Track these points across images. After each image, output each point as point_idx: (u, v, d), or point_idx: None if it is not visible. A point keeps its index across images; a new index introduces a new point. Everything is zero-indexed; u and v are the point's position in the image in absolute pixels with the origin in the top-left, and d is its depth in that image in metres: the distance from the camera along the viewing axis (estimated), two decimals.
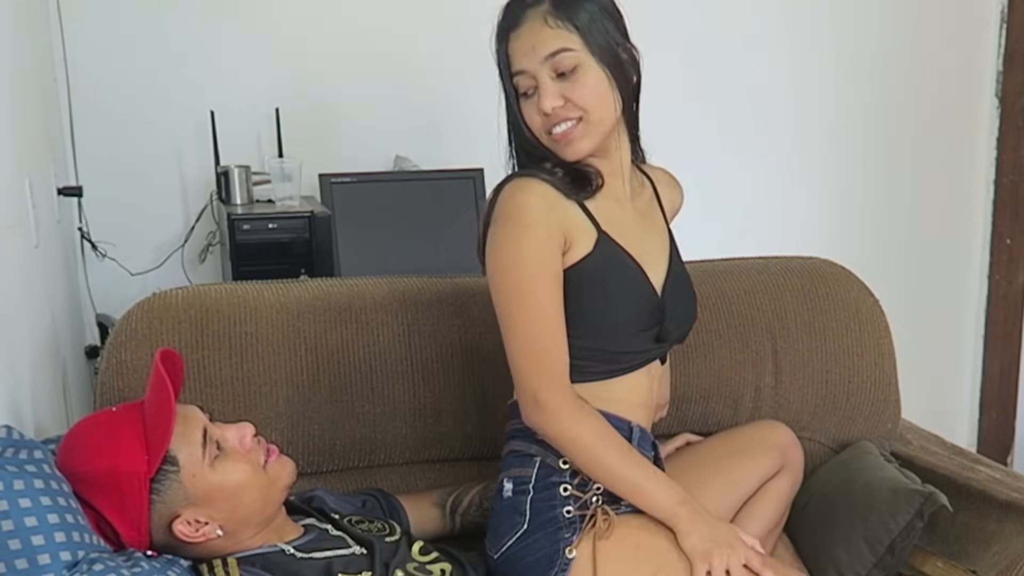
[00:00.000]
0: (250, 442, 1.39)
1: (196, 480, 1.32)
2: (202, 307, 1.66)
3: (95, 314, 2.59)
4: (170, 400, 1.31)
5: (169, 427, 1.30)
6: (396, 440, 1.75)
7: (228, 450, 1.36)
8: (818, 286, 1.99)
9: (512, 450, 1.53)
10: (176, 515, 1.32)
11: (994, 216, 3.37)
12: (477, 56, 2.54)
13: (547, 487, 1.48)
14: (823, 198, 3.27)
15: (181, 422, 1.33)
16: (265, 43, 2.74)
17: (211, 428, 1.37)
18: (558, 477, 1.47)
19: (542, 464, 1.48)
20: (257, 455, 1.40)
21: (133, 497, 1.29)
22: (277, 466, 1.42)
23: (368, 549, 1.44)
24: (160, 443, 1.30)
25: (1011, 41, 3.25)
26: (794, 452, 1.78)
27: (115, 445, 1.31)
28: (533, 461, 1.49)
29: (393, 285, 1.80)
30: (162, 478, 1.30)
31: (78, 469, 1.31)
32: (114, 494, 1.29)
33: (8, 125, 1.70)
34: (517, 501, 1.49)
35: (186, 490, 1.32)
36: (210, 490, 1.33)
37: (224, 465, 1.35)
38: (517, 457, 1.51)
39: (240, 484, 1.36)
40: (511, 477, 1.51)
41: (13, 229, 1.64)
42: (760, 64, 3.12)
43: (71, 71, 2.58)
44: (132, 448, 1.30)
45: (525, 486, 1.49)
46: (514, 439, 1.53)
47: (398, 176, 2.71)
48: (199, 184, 2.71)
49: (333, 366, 1.69)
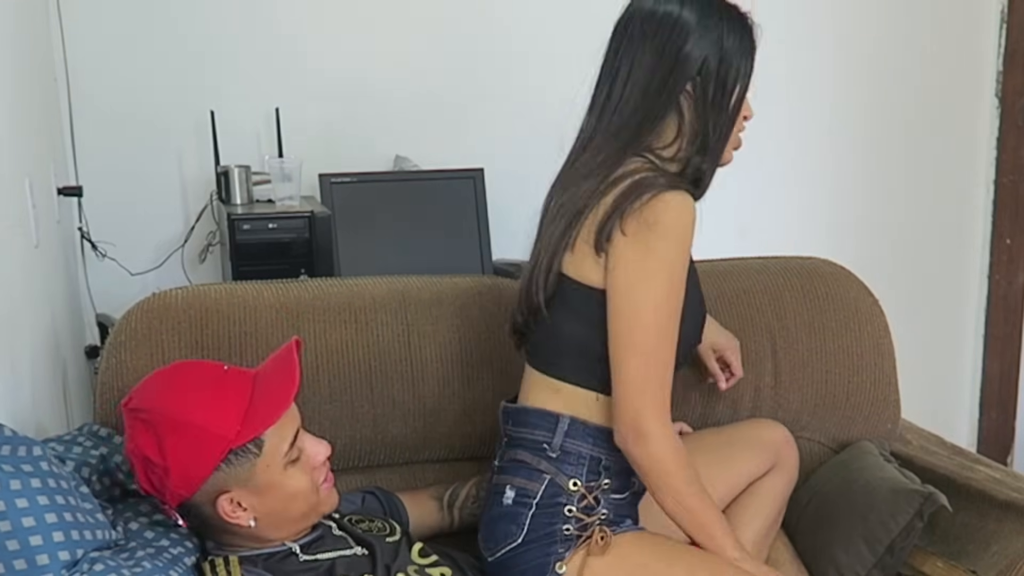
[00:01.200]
0: (320, 461, 1.42)
1: (267, 471, 1.34)
2: (202, 307, 1.67)
3: (95, 314, 2.59)
4: (292, 390, 1.34)
5: (278, 414, 1.33)
6: (396, 440, 1.75)
7: (303, 460, 1.38)
8: (818, 286, 1.99)
9: (519, 460, 1.51)
10: (227, 490, 1.33)
11: (994, 216, 3.37)
12: (477, 56, 2.55)
13: (552, 505, 1.47)
14: (823, 198, 3.27)
15: (281, 418, 1.35)
16: (265, 43, 2.73)
17: (302, 433, 1.39)
18: (565, 498, 1.47)
19: (551, 483, 1.48)
20: (320, 475, 1.42)
21: (206, 458, 1.30)
22: (328, 494, 1.44)
23: (369, 550, 1.45)
24: (261, 423, 1.32)
25: (1011, 41, 3.25)
26: (788, 450, 1.78)
27: (217, 405, 1.32)
28: (542, 478, 1.48)
29: (393, 285, 1.80)
30: (242, 453, 1.32)
31: (169, 410, 1.31)
32: (191, 447, 1.30)
33: (8, 125, 1.70)
34: (517, 512, 1.48)
35: (254, 475, 1.33)
36: (271, 486, 1.35)
37: (293, 471, 1.37)
38: (524, 469, 1.50)
39: (296, 493, 1.38)
40: (515, 486, 1.50)
41: (13, 229, 1.64)
42: (759, 63, 3.11)
43: (71, 71, 2.58)
44: (231, 414, 1.31)
45: (528, 500, 1.48)
46: (522, 448, 1.52)
47: (398, 176, 2.71)
48: (199, 184, 2.71)
49: (333, 366, 1.69)
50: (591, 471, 1.49)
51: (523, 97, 2.93)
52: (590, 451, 1.49)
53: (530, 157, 2.94)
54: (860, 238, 3.23)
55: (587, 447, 1.49)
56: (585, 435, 1.49)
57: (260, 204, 2.51)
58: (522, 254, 2.79)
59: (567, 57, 2.94)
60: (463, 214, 2.66)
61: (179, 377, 1.38)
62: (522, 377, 1.59)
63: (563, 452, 1.48)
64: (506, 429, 1.56)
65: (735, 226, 3.08)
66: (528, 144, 2.96)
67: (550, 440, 1.49)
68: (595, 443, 1.49)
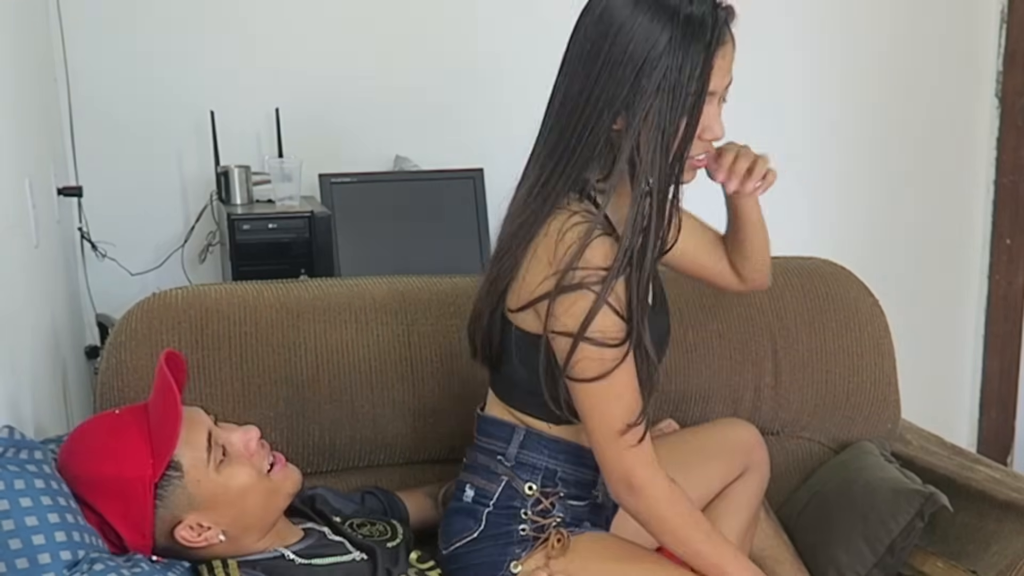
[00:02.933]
0: (255, 446, 1.38)
1: (200, 485, 1.32)
2: (202, 307, 1.67)
3: (95, 314, 2.59)
4: (176, 405, 1.30)
5: (175, 432, 1.30)
6: (396, 440, 1.75)
7: (233, 454, 1.36)
8: (818, 286, 1.99)
9: (479, 462, 1.52)
10: (179, 520, 1.32)
11: (994, 216, 3.37)
12: (477, 56, 2.55)
13: (508, 507, 1.47)
14: (822, 198, 3.27)
15: (186, 426, 1.32)
16: (265, 43, 2.73)
17: (216, 431, 1.36)
18: (520, 502, 1.47)
19: (508, 486, 1.48)
20: (261, 460, 1.39)
21: (137, 503, 1.28)
22: (281, 474, 1.41)
23: (369, 555, 1.44)
24: (166, 448, 1.29)
25: (1011, 41, 3.25)
26: (759, 452, 1.74)
27: (120, 450, 1.30)
28: (500, 479, 1.48)
29: (393, 285, 1.80)
30: (166, 483, 1.29)
31: (82, 473, 1.30)
32: (118, 499, 1.29)
33: (8, 125, 1.70)
34: (475, 509, 1.48)
35: (190, 495, 1.31)
36: (214, 495, 1.33)
37: (228, 470, 1.34)
38: (483, 470, 1.50)
39: (243, 488, 1.35)
40: (474, 485, 1.50)
41: (13, 229, 1.64)
42: (758, 63, 3.11)
43: (71, 71, 2.58)
44: (137, 453, 1.29)
45: (486, 500, 1.48)
46: (482, 453, 1.52)
47: (398, 176, 2.71)
48: (199, 184, 2.71)
49: (333, 366, 1.69)
50: (546, 479, 1.48)
51: (523, 97, 2.91)
52: (545, 462, 1.47)
53: None
54: (860, 238, 3.22)
55: (542, 458, 1.47)
56: (540, 446, 1.47)
57: (260, 204, 2.51)
58: None
59: None
60: (463, 214, 2.66)
61: (78, 439, 1.35)
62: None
63: (518, 463, 1.48)
64: (474, 432, 1.56)
65: None
66: (528, 144, 2.95)
67: (505, 450, 1.48)
68: (551, 454, 1.47)
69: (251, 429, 1.40)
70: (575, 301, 1.30)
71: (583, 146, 1.32)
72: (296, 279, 2.15)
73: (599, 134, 1.31)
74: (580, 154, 1.33)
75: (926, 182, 3.34)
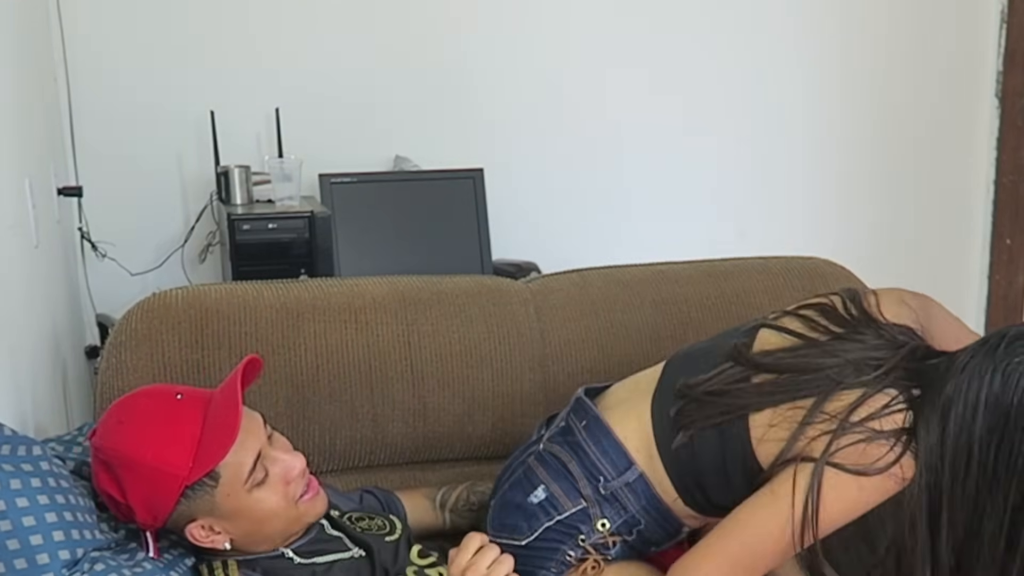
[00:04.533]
0: (294, 476, 1.36)
1: (229, 499, 1.31)
2: (202, 307, 1.66)
3: (95, 314, 2.59)
4: (235, 424, 1.29)
5: (225, 449, 1.28)
6: (396, 440, 1.75)
7: (271, 479, 1.34)
8: (818, 286, 1.98)
9: (568, 468, 1.45)
10: (194, 518, 1.32)
11: (994, 216, 3.37)
12: (477, 56, 2.55)
13: (570, 528, 1.43)
14: (823, 198, 3.27)
15: (238, 442, 1.30)
16: (265, 43, 2.74)
17: (265, 451, 1.34)
18: (586, 530, 1.43)
19: (583, 511, 1.43)
20: (296, 488, 1.37)
21: (163, 494, 1.28)
22: (310, 504, 1.39)
23: (367, 551, 1.44)
24: (210, 459, 1.28)
25: (1011, 41, 3.25)
26: None
27: (167, 442, 1.28)
28: (579, 500, 1.43)
29: (393, 285, 1.80)
30: (198, 487, 1.29)
31: (121, 447, 1.28)
32: (146, 484, 1.28)
33: (8, 125, 1.71)
34: (536, 514, 1.45)
35: (215, 504, 1.31)
36: (238, 510, 1.32)
37: (260, 492, 1.33)
38: (568, 481, 1.45)
39: (268, 514, 1.34)
40: (549, 490, 1.45)
41: (13, 229, 1.64)
42: (759, 64, 3.12)
43: (71, 71, 2.58)
44: (182, 451, 1.27)
45: (554, 511, 1.44)
46: (579, 462, 1.45)
47: (398, 176, 2.71)
48: (199, 184, 2.71)
49: (333, 366, 1.69)
50: (625, 524, 1.43)
51: (523, 97, 2.93)
52: (635, 511, 1.43)
53: (530, 157, 2.96)
54: (860, 238, 3.22)
55: (635, 506, 1.43)
56: (642, 495, 1.43)
57: (260, 204, 2.51)
58: (522, 254, 2.81)
59: (568, 57, 2.95)
60: (463, 214, 2.66)
61: (132, 412, 1.33)
62: (622, 385, 1.54)
63: (611, 496, 1.43)
64: (571, 420, 1.50)
65: (735, 226, 3.09)
66: (528, 144, 2.98)
67: (610, 479, 1.43)
68: (646, 508, 1.43)
69: (298, 459, 1.37)
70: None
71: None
72: (296, 279, 2.15)
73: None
74: None
75: (926, 182, 3.34)
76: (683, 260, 1.98)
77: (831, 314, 1.40)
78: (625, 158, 3.04)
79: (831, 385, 1.30)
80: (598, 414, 1.48)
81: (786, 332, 1.40)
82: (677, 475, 1.41)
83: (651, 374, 1.51)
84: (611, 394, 1.54)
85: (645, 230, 3.00)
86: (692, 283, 1.89)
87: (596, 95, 2.97)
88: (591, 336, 1.80)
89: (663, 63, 3.03)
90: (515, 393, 1.75)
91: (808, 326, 1.40)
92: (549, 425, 1.57)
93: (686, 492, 1.42)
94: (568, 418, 1.52)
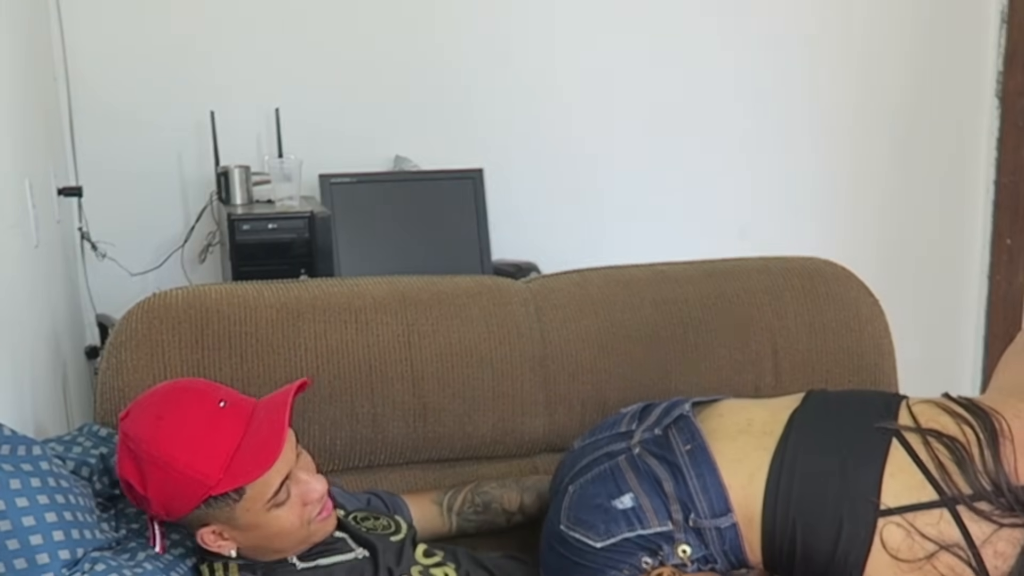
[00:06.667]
0: (314, 499, 1.36)
1: (248, 514, 1.31)
2: (202, 307, 1.66)
3: (95, 314, 2.59)
4: (278, 448, 1.29)
5: (259, 472, 1.28)
6: (396, 440, 1.75)
7: (291, 498, 1.34)
8: (818, 286, 1.98)
9: (664, 489, 1.41)
10: (208, 524, 1.32)
11: (994, 216, 3.37)
12: (477, 56, 2.55)
13: (651, 543, 1.40)
14: (823, 198, 3.27)
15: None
16: (265, 43, 2.74)
17: (293, 474, 1.34)
18: (667, 550, 1.39)
19: (668, 534, 1.39)
20: (312, 510, 1.37)
21: (186, 498, 1.28)
22: (321, 524, 1.39)
23: (371, 551, 1.44)
24: (242, 478, 1.28)
25: (1011, 41, 3.25)
26: None
27: (201, 450, 1.27)
28: (666, 523, 1.40)
29: (393, 285, 1.80)
30: (221, 499, 1.29)
31: (153, 446, 1.27)
32: (170, 485, 1.27)
33: (8, 125, 1.71)
34: (616, 522, 1.41)
35: (233, 515, 1.31)
36: (253, 525, 1.32)
37: (278, 511, 1.33)
38: (659, 500, 1.41)
39: (281, 531, 1.35)
40: (639, 503, 1.41)
41: (13, 229, 1.64)
42: (759, 65, 3.12)
43: (71, 71, 2.58)
44: (214, 462, 1.27)
45: (639, 525, 1.40)
46: (676, 484, 1.41)
47: (398, 176, 2.71)
48: (199, 184, 2.71)
49: (333, 366, 1.69)
50: (704, 559, 1.40)
51: (523, 97, 2.93)
52: (718, 551, 1.40)
53: (529, 157, 2.96)
54: (860, 238, 3.23)
55: (717, 548, 1.40)
56: (727, 540, 1.40)
57: (260, 204, 2.51)
58: (522, 254, 2.81)
59: (567, 57, 2.96)
60: (463, 214, 2.67)
61: (172, 410, 1.31)
62: (731, 409, 1.54)
63: (699, 531, 1.40)
64: (673, 436, 1.46)
65: (735, 226, 3.09)
66: (528, 144, 2.98)
67: (703, 517, 1.40)
68: (727, 551, 1.40)
69: (321, 483, 1.37)
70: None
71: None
72: (296, 279, 2.15)
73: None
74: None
75: (926, 182, 3.34)
76: (683, 260, 1.98)
77: (963, 464, 1.36)
78: (625, 158, 3.04)
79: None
80: (706, 445, 1.43)
81: (916, 461, 1.38)
82: (769, 548, 1.39)
83: (768, 418, 1.48)
84: (717, 415, 1.50)
85: (645, 230, 3.00)
86: (692, 283, 1.89)
87: (596, 95, 2.98)
88: (591, 336, 1.80)
89: (663, 63, 3.03)
90: (515, 393, 1.75)
91: (936, 463, 1.37)
92: (642, 417, 1.53)
93: (772, 560, 1.39)
94: (669, 432, 1.48)
